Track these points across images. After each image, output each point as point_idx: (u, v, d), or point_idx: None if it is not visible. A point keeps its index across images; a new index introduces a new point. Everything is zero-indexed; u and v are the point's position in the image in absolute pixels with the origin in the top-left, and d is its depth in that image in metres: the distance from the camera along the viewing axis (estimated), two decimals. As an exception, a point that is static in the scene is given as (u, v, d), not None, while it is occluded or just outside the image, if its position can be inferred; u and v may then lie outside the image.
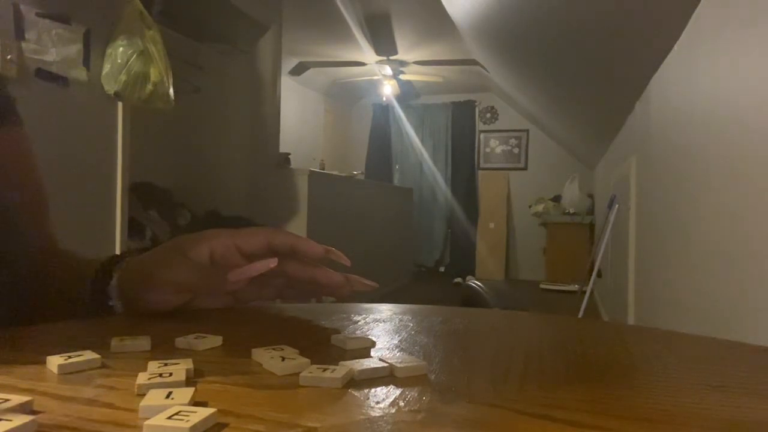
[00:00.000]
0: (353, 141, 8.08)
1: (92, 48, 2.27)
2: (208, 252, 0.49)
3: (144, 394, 0.29)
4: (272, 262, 0.47)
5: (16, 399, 0.25)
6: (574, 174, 6.62)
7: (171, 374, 0.33)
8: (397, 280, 6.04)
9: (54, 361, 0.35)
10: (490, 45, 4.26)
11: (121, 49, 2.28)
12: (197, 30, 3.81)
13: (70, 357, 0.35)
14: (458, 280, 6.63)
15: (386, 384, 0.34)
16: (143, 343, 0.40)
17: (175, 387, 0.31)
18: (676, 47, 2.07)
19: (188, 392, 0.29)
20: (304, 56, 5.78)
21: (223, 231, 0.51)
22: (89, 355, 0.36)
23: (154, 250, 0.53)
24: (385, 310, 0.60)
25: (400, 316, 0.56)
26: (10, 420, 0.24)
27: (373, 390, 0.33)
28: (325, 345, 0.44)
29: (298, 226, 3.84)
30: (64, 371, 0.34)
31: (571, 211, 6.47)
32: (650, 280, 2.56)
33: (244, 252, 0.50)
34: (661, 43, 2.13)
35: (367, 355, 0.41)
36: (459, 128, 7.64)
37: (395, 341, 0.46)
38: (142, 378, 0.32)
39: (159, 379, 0.32)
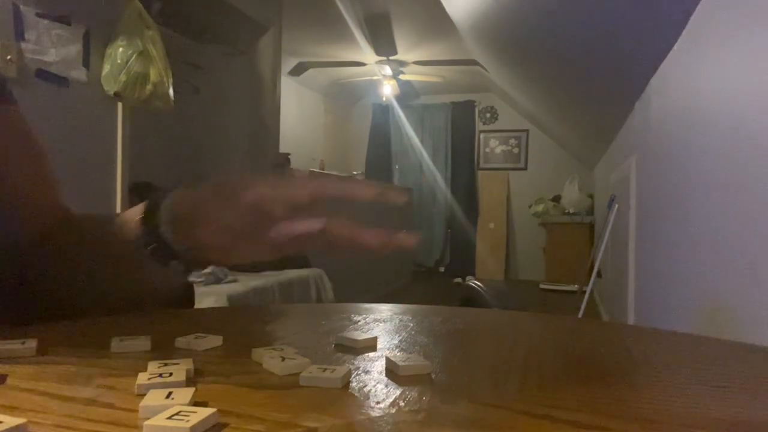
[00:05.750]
0: (353, 141, 8.08)
1: (92, 48, 2.27)
2: (254, 199, 0.46)
3: (144, 394, 0.29)
4: (318, 223, 0.45)
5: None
6: (574, 174, 6.62)
7: (171, 374, 0.33)
8: (397, 280, 6.04)
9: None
10: (490, 45, 4.26)
11: (120, 49, 2.28)
12: (197, 30, 3.81)
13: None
14: (458, 280, 6.64)
15: (386, 384, 0.34)
16: (143, 343, 0.41)
17: (175, 387, 0.31)
18: (676, 47, 2.07)
19: (188, 392, 0.29)
20: (304, 56, 5.78)
21: (271, 178, 0.48)
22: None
23: (202, 187, 0.51)
24: (385, 310, 0.60)
25: (400, 316, 0.56)
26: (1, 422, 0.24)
27: (373, 390, 0.33)
28: (325, 345, 0.44)
29: (298, 226, 3.84)
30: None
31: (571, 211, 6.47)
32: (650, 280, 2.56)
33: (289, 202, 0.46)
34: (661, 43, 2.13)
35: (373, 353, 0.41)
36: (459, 128, 7.64)
37: (395, 341, 0.46)
38: (142, 378, 0.32)
39: (159, 379, 0.32)
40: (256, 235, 0.46)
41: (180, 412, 0.26)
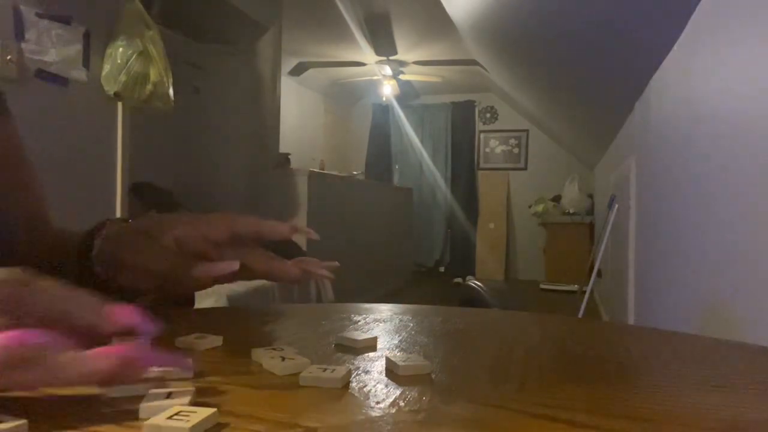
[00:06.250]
0: (353, 141, 8.08)
1: (92, 48, 2.27)
2: (173, 240, 0.49)
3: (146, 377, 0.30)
4: (234, 265, 0.47)
5: (10, 421, 0.25)
6: (574, 174, 6.62)
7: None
8: (397, 280, 6.04)
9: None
10: (490, 45, 4.26)
11: (120, 49, 2.28)
12: (197, 30, 3.81)
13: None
14: (458, 280, 6.63)
15: (386, 384, 0.34)
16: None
17: (178, 380, 0.32)
18: (675, 47, 2.07)
19: (188, 392, 0.29)
20: (304, 56, 5.78)
21: (187, 218, 0.51)
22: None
23: (127, 228, 0.53)
24: (385, 310, 0.60)
25: (400, 316, 0.56)
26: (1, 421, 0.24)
27: (373, 390, 0.33)
28: (325, 345, 0.44)
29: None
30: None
31: (571, 211, 6.47)
32: (650, 280, 2.56)
33: (209, 240, 0.49)
34: (661, 43, 2.13)
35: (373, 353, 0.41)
36: (459, 128, 7.64)
37: (395, 341, 0.46)
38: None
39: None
40: (178, 275, 0.49)
41: (180, 412, 0.26)
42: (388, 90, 6.36)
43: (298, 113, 6.57)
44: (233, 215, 0.51)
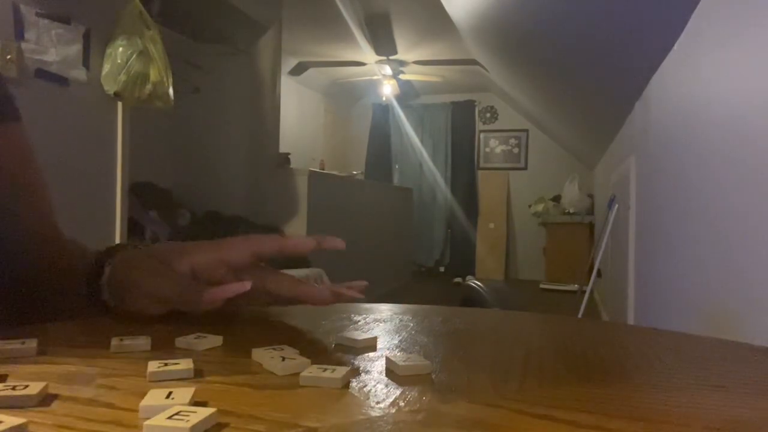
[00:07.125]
0: (353, 141, 8.08)
1: (92, 48, 2.27)
2: (189, 267, 0.48)
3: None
4: (246, 285, 0.46)
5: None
6: (574, 174, 6.62)
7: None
8: (397, 280, 6.04)
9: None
10: (490, 45, 4.26)
11: (120, 49, 2.28)
12: (197, 30, 3.81)
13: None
14: (458, 280, 6.63)
15: (386, 384, 0.34)
16: (143, 343, 0.40)
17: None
18: (676, 47, 2.07)
19: (188, 392, 0.29)
20: (304, 56, 5.78)
21: (207, 244, 0.50)
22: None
23: (141, 253, 0.52)
24: (385, 310, 0.60)
25: (400, 316, 0.56)
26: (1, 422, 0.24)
27: (373, 390, 0.33)
28: (325, 345, 0.44)
29: (298, 226, 3.84)
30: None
31: (571, 211, 6.47)
32: (650, 280, 2.56)
33: (229, 265, 0.49)
34: (661, 43, 2.13)
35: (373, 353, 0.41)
36: (459, 128, 7.64)
37: (395, 341, 0.46)
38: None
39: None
40: (187, 301, 0.48)
41: (180, 412, 0.26)
42: (388, 90, 6.36)
43: (298, 113, 6.57)
44: (255, 237, 0.50)
